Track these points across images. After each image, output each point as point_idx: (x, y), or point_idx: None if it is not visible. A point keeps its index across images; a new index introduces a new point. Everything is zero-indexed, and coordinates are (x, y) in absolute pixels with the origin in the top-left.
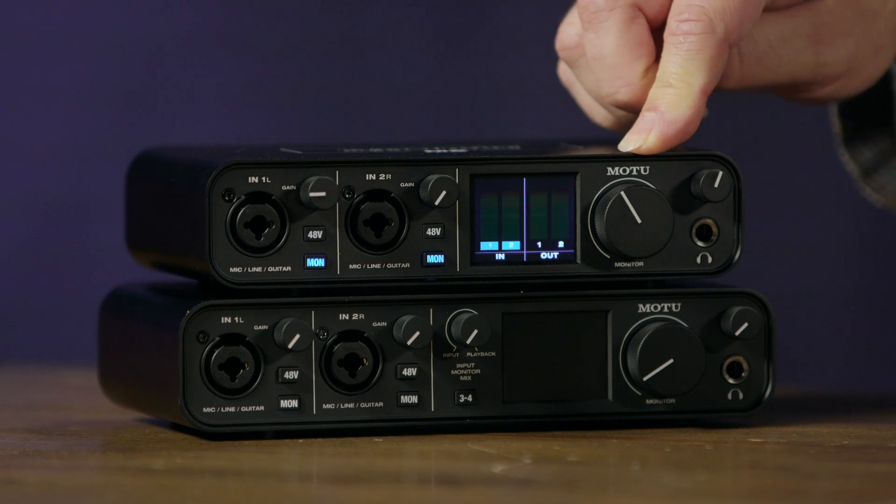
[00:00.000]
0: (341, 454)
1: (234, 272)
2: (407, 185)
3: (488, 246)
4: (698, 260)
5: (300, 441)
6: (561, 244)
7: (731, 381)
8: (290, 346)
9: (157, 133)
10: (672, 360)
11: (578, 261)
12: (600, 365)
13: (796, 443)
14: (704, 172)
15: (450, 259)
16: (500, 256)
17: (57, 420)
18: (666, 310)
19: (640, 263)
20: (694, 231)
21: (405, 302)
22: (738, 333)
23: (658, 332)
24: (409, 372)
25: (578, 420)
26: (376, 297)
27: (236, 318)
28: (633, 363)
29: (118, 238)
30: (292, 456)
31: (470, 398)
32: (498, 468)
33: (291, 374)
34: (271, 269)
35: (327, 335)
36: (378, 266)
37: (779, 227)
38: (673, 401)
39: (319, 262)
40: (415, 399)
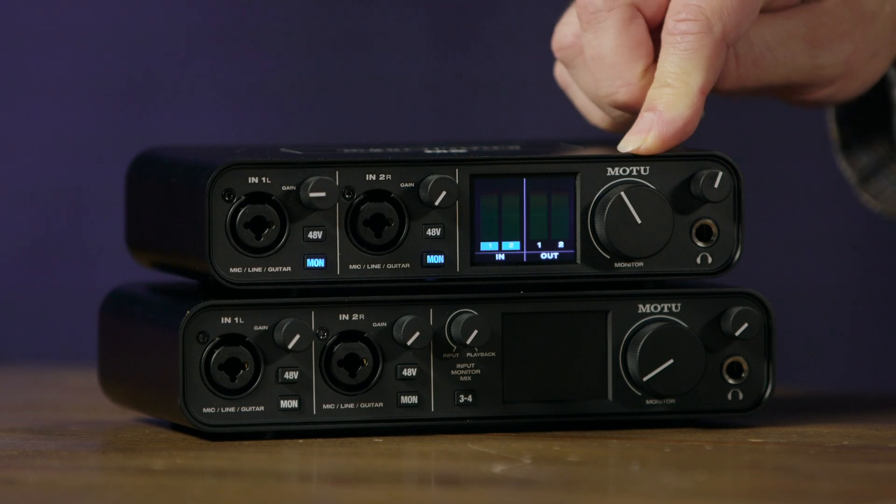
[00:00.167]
0: (341, 454)
1: (234, 272)
2: (407, 185)
3: (488, 246)
4: (698, 260)
5: (300, 441)
6: (561, 244)
7: (731, 381)
8: (290, 346)
9: (158, 129)
10: (672, 361)
11: (578, 261)
12: (600, 365)
13: (796, 443)
14: (704, 173)
15: (450, 259)
16: (500, 257)
17: (57, 420)
18: (666, 310)
19: (640, 264)
20: (694, 231)
21: (405, 302)
22: (738, 334)
23: (658, 332)
24: (409, 372)
25: (578, 420)
26: (376, 297)
27: (236, 319)
28: (633, 363)
29: (118, 238)
30: (292, 456)
31: (470, 398)
32: (498, 468)
33: (291, 375)
34: (271, 269)
35: (327, 335)
36: (378, 266)
37: (779, 228)
38: (673, 401)
39: (319, 263)
40: (415, 399)
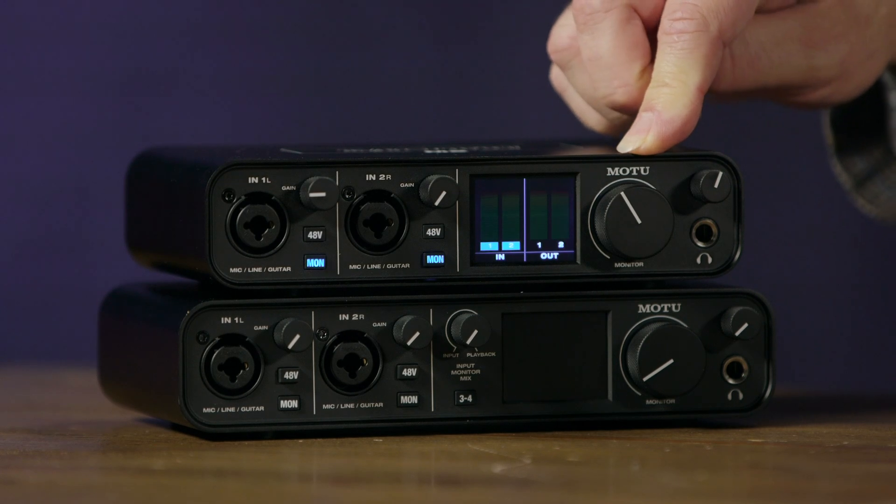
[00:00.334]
0: (341, 454)
1: (234, 272)
2: (407, 185)
3: (488, 246)
4: (698, 260)
5: (300, 441)
6: (561, 244)
7: (731, 381)
8: (290, 346)
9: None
10: (672, 361)
11: (578, 261)
12: (600, 365)
13: (796, 443)
14: (704, 173)
15: (450, 259)
16: (500, 257)
17: (57, 420)
18: (666, 310)
19: (640, 264)
20: (694, 231)
21: (405, 302)
22: (738, 334)
23: (658, 332)
24: (409, 372)
25: (578, 420)
26: (376, 297)
27: (236, 319)
28: (633, 363)
29: (118, 238)
30: (292, 456)
31: (470, 398)
32: (498, 468)
33: (291, 375)
34: (271, 269)
35: (327, 335)
36: (378, 266)
37: (779, 228)
38: (673, 401)
39: (319, 263)
40: (415, 399)
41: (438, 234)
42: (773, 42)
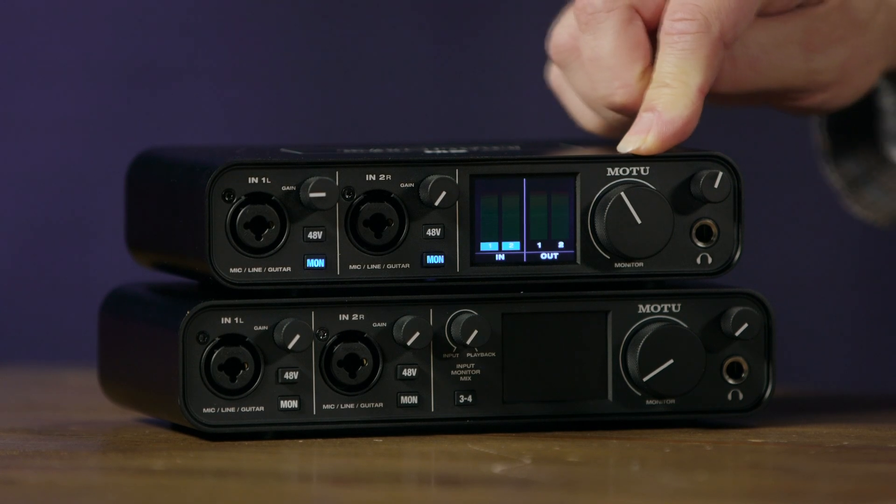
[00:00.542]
0: (341, 454)
1: (234, 273)
2: (407, 185)
3: (488, 246)
4: (698, 260)
5: (300, 441)
6: (561, 245)
7: (731, 381)
8: (290, 346)
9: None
10: (672, 361)
11: (578, 261)
12: (600, 365)
13: (796, 443)
14: (704, 173)
15: (450, 259)
16: (500, 257)
17: (57, 420)
18: (666, 310)
19: (640, 264)
20: (694, 231)
21: (405, 302)
22: (738, 334)
23: (658, 332)
24: (409, 372)
25: (578, 420)
26: (376, 297)
27: (236, 319)
28: (633, 363)
29: (118, 238)
30: (292, 456)
31: (470, 398)
32: (498, 468)
33: (291, 375)
34: (271, 269)
35: (327, 336)
36: (378, 266)
37: (779, 228)
38: (673, 401)
39: (319, 263)
40: (415, 399)
41: (438, 234)
42: (773, 45)
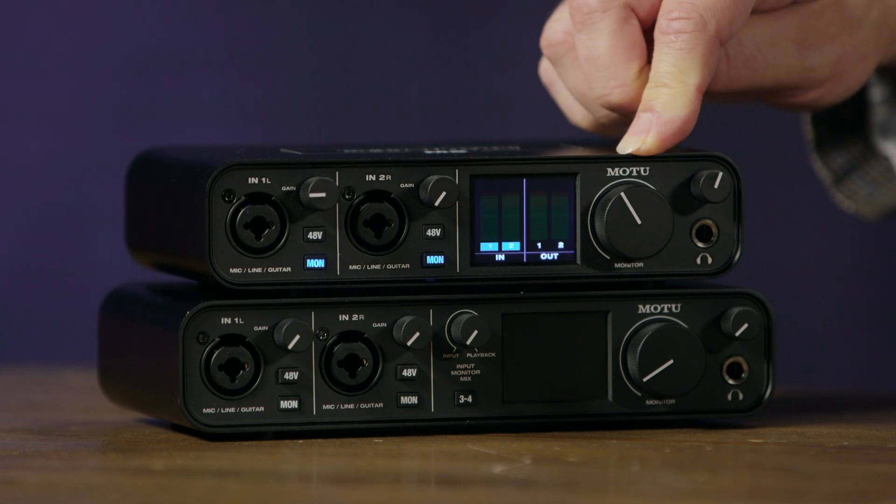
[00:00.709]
0: (341, 455)
1: (234, 273)
2: (407, 185)
3: (488, 247)
4: (698, 260)
5: (300, 442)
6: (561, 245)
7: (731, 381)
8: (290, 346)
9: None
10: (672, 361)
11: (578, 261)
12: (600, 365)
13: (796, 443)
14: (704, 173)
15: (450, 260)
16: (500, 257)
17: (57, 420)
18: (666, 310)
19: (640, 264)
20: (694, 232)
21: (405, 303)
22: (738, 334)
23: (658, 332)
24: (409, 373)
25: (578, 420)
26: (376, 297)
27: (236, 319)
28: (633, 364)
29: (118, 238)
30: (292, 456)
31: (470, 399)
32: (498, 468)
33: (291, 375)
34: (271, 269)
35: (327, 336)
36: (378, 267)
37: (779, 228)
38: (673, 401)
39: (319, 263)
40: (415, 400)
41: (438, 234)
42: (767, 42)
